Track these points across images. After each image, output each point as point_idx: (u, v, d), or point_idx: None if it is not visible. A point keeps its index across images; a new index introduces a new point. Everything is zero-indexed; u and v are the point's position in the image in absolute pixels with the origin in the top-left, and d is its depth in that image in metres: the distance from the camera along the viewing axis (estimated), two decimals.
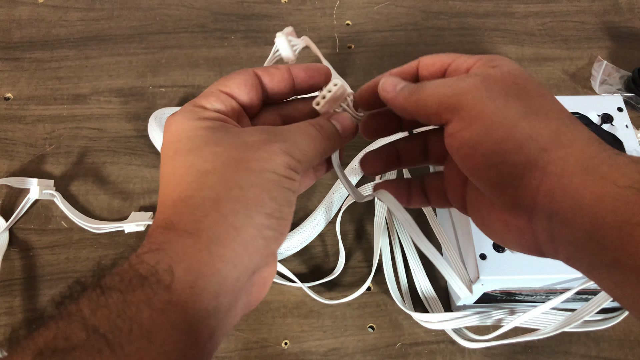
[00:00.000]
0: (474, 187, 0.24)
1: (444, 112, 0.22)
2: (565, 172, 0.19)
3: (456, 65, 0.25)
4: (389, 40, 0.59)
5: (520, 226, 0.21)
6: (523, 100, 0.21)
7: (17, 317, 0.44)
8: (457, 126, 0.22)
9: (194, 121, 0.22)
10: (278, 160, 0.21)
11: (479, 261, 0.36)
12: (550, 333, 0.39)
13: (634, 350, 0.42)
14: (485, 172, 0.21)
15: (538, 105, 0.21)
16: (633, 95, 0.53)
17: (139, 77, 0.56)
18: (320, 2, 0.61)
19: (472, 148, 0.21)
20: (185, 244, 0.19)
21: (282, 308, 0.44)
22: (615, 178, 0.18)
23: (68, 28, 0.59)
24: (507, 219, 0.22)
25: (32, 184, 0.48)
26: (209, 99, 0.24)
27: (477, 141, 0.21)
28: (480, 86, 0.21)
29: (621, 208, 0.18)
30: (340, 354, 0.42)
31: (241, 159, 0.21)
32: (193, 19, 0.60)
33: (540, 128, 0.20)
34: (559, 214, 0.19)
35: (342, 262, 0.45)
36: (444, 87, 0.23)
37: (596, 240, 0.18)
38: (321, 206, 0.47)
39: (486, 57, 0.24)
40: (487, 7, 0.61)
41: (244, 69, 0.25)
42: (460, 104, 0.21)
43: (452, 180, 0.27)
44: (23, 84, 0.55)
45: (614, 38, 0.59)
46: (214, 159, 0.21)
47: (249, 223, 0.20)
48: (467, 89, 0.22)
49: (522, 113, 0.21)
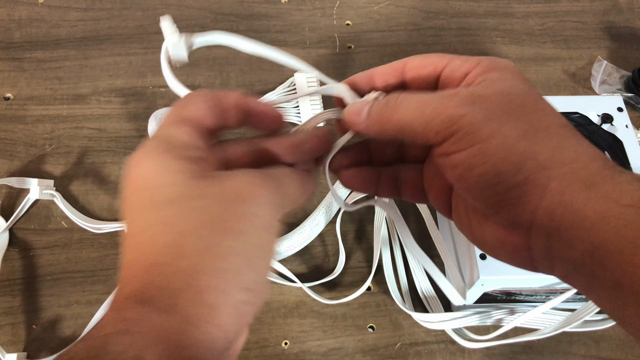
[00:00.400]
0: (462, 199, 0.23)
1: (434, 136, 0.21)
2: (566, 189, 0.19)
3: (451, 70, 0.23)
4: (389, 40, 0.59)
5: (515, 243, 0.21)
6: (521, 119, 0.20)
7: (17, 317, 0.44)
8: (451, 148, 0.21)
9: (168, 162, 0.19)
10: (265, 213, 0.19)
11: (479, 261, 0.36)
12: (550, 333, 0.39)
13: (634, 350, 0.42)
14: (481, 192, 0.20)
15: (537, 122, 0.20)
16: (633, 95, 0.53)
17: (139, 77, 0.56)
18: (320, 2, 0.61)
19: (467, 169, 0.20)
20: (159, 324, 0.17)
21: (282, 308, 0.44)
22: (618, 196, 0.18)
23: (68, 28, 0.59)
24: (502, 236, 0.21)
25: (32, 184, 0.48)
26: (180, 130, 0.20)
27: (473, 164, 0.20)
28: (476, 107, 0.20)
29: (624, 228, 0.17)
30: (340, 354, 0.42)
31: (222, 216, 0.18)
32: (193, 19, 0.60)
33: (540, 146, 0.20)
34: (559, 232, 0.19)
35: (342, 262, 0.45)
36: (432, 106, 0.21)
37: (597, 261, 0.18)
38: (321, 206, 0.47)
39: (484, 63, 0.22)
40: (487, 7, 0.61)
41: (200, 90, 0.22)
42: (455, 127, 0.20)
43: (435, 183, 0.25)
44: (23, 84, 0.55)
45: (614, 38, 0.59)
46: (194, 217, 0.18)
47: (226, 302, 0.18)
48: (462, 111, 0.20)
49: (521, 132, 0.20)
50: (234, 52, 0.58)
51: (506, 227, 0.21)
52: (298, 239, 0.46)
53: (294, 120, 0.52)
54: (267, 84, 0.55)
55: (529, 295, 0.40)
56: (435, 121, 0.21)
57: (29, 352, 0.42)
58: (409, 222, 0.47)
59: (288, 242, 0.45)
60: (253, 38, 0.26)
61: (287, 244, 0.45)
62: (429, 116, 0.21)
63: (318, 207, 0.47)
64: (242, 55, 0.57)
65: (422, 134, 0.21)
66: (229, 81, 0.56)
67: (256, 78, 0.56)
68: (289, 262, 0.46)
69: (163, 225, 0.18)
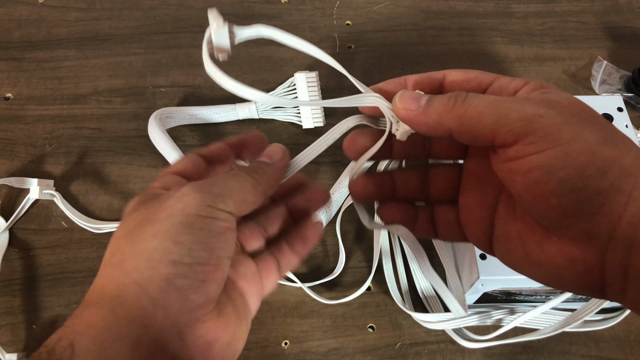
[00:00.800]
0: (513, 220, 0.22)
1: (506, 134, 0.20)
2: None
3: (499, 86, 0.23)
4: (389, 40, 0.59)
5: (587, 260, 0.19)
6: (596, 126, 0.20)
7: (17, 317, 0.44)
8: (526, 150, 0.19)
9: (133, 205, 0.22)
10: (187, 200, 0.20)
11: (479, 261, 0.36)
12: (550, 333, 0.39)
13: (634, 350, 0.42)
14: (560, 199, 0.19)
15: (611, 132, 0.20)
16: (633, 95, 0.53)
17: (139, 77, 0.56)
18: (320, 2, 0.61)
19: (547, 173, 0.19)
20: (89, 313, 0.19)
21: (282, 308, 0.44)
22: None
23: (68, 28, 0.59)
24: (572, 253, 0.20)
25: (32, 184, 0.48)
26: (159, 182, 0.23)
27: (555, 166, 0.19)
28: (552, 110, 0.20)
29: None
30: (340, 354, 0.42)
31: (150, 214, 0.21)
32: (193, 19, 0.60)
33: (621, 154, 0.19)
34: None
35: (342, 262, 0.45)
36: (506, 104, 0.20)
37: None
38: None
39: (534, 82, 0.22)
40: (487, 7, 0.61)
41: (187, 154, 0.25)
42: (532, 127, 0.19)
43: (473, 212, 0.24)
44: (23, 84, 0.55)
45: (614, 38, 0.59)
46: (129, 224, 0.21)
47: (155, 275, 0.19)
48: (540, 111, 0.19)
49: (601, 138, 0.19)
50: (234, 52, 0.58)
51: (579, 241, 0.20)
52: None
53: (294, 120, 0.52)
54: (267, 84, 0.55)
55: (529, 295, 0.40)
56: (510, 118, 0.20)
57: (29, 352, 0.42)
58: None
59: None
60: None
61: None
62: (503, 112, 0.20)
63: None
64: (242, 55, 0.57)
65: (491, 130, 0.20)
66: None
67: (256, 78, 0.56)
68: None
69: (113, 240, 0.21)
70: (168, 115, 0.51)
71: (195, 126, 0.53)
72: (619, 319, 0.42)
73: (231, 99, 0.53)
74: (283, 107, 0.51)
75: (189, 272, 0.19)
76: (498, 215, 0.23)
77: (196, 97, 0.55)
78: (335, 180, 0.49)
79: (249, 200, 0.22)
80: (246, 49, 0.58)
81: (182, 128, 0.53)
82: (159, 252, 0.19)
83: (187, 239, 0.20)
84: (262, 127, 0.53)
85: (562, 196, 0.19)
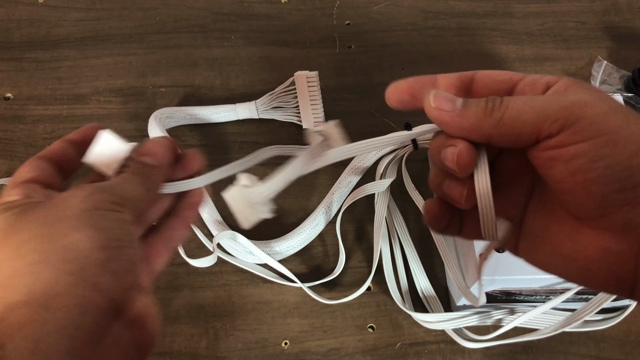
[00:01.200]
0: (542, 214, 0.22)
1: (550, 125, 0.20)
2: None
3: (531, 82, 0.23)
4: (389, 40, 0.59)
5: (621, 252, 0.19)
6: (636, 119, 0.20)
7: None
8: (571, 138, 0.19)
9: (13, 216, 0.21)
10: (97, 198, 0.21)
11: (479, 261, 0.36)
12: (550, 333, 0.39)
13: (634, 350, 0.42)
14: (602, 187, 0.19)
15: None
16: (633, 95, 0.53)
17: (139, 77, 0.56)
18: (320, 2, 0.61)
19: (591, 161, 0.19)
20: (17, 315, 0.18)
21: (282, 308, 0.44)
22: None
23: (68, 28, 0.59)
24: (606, 244, 0.20)
25: None
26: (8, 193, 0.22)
27: (600, 155, 0.19)
28: (596, 99, 0.20)
29: None
30: (340, 354, 0.42)
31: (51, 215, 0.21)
32: (193, 19, 0.60)
33: None
34: None
35: (342, 262, 0.45)
36: (545, 98, 0.20)
37: None
38: (321, 206, 0.47)
39: (565, 78, 0.22)
40: (487, 7, 0.61)
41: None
42: (576, 115, 0.19)
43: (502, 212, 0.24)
44: (23, 84, 0.55)
45: (614, 38, 0.59)
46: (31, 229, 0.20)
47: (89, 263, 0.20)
48: (584, 100, 0.19)
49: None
50: (234, 52, 0.58)
51: (616, 232, 0.20)
52: (298, 239, 0.46)
53: (294, 120, 0.52)
54: (267, 84, 0.55)
55: (529, 295, 0.40)
56: (553, 109, 0.20)
57: None
58: (408, 222, 0.47)
59: (288, 242, 0.45)
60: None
61: (287, 244, 0.45)
62: (544, 105, 0.20)
63: (318, 207, 0.47)
64: (242, 55, 0.57)
65: (533, 126, 0.20)
66: (229, 81, 0.56)
67: (256, 78, 0.56)
68: (289, 262, 0.46)
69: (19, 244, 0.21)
70: (168, 115, 0.51)
71: (195, 126, 0.53)
72: (619, 319, 0.42)
73: (231, 99, 0.53)
74: (283, 106, 0.51)
75: (119, 254, 0.21)
76: (527, 212, 0.23)
77: (196, 97, 0.55)
78: (335, 180, 0.49)
79: (145, 208, 0.24)
80: (246, 49, 0.58)
81: (182, 128, 0.53)
82: (84, 242, 0.20)
83: (110, 226, 0.21)
84: (262, 127, 0.53)
85: (604, 185, 0.19)
